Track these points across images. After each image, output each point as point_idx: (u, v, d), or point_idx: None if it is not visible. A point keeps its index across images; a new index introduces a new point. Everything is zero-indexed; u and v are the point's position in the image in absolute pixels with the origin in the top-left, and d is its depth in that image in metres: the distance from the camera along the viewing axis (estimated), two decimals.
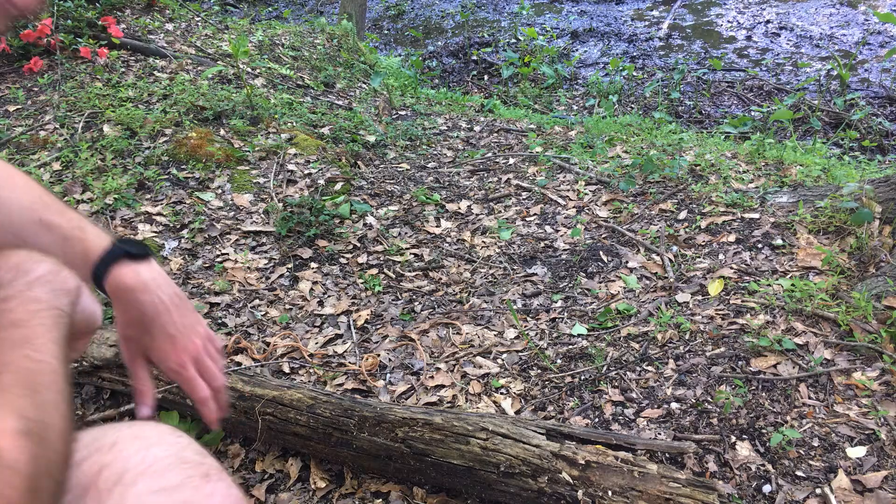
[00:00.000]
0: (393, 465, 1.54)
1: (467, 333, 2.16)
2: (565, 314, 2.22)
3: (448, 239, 2.76)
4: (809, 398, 1.73)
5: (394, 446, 1.53)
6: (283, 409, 1.64)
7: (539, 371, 1.96)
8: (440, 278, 2.49)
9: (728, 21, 7.88)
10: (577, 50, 7.52)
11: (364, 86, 4.87)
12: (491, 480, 1.44)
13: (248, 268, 2.49)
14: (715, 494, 1.30)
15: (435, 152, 3.74)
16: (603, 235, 2.65)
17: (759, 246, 2.37)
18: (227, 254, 2.55)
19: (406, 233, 2.81)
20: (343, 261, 2.59)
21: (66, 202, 0.91)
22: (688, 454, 1.57)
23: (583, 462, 1.40)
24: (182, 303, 0.91)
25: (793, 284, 2.09)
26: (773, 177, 2.90)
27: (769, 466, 1.55)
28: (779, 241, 2.36)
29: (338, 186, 3.09)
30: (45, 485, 0.54)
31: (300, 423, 1.62)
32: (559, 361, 1.99)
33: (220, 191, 2.91)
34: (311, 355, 2.09)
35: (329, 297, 2.39)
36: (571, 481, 1.38)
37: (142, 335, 0.88)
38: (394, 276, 2.50)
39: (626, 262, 2.44)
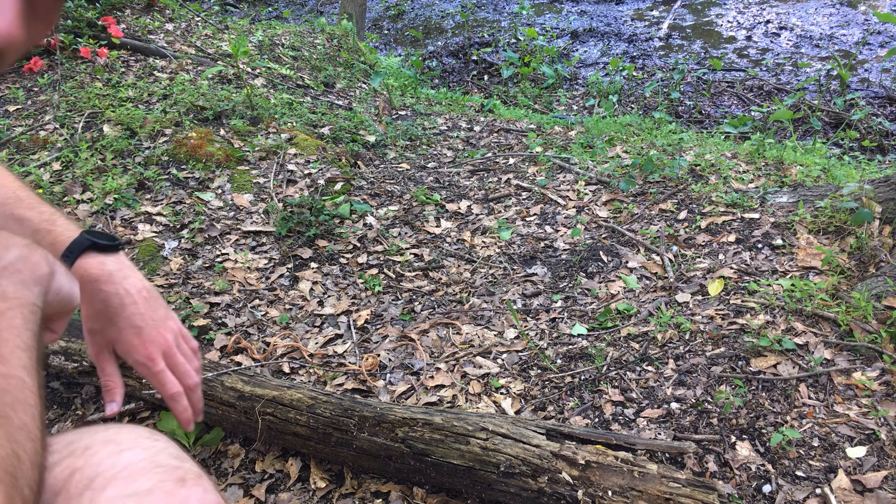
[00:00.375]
0: (393, 464, 1.54)
1: (467, 333, 2.16)
2: (565, 314, 2.22)
3: (448, 239, 2.76)
4: (809, 398, 1.73)
5: (394, 446, 1.53)
6: (283, 409, 1.64)
7: (539, 371, 1.96)
8: (440, 278, 2.49)
9: (728, 21, 7.88)
10: (577, 50, 7.52)
11: (364, 86, 4.87)
12: (491, 480, 1.44)
13: (248, 268, 2.49)
14: (715, 494, 1.30)
15: (435, 152, 3.74)
16: (603, 235, 2.65)
17: (759, 246, 2.37)
18: (227, 254, 2.55)
19: (406, 233, 2.81)
20: (343, 261, 2.59)
21: (40, 196, 0.91)
22: (688, 454, 1.57)
23: (583, 462, 1.40)
24: (151, 296, 0.89)
25: (793, 284, 2.09)
26: (773, 177, 2.90)
27: (769, 466, 1.55)
28: (779, 241, 2.36)
29: (338, 186, 3.09)
30: None
31: (300, 422, 1.62)
32: (559, 361, 1.99)
33: (220, 191, 2.91)
34: (311, 355, 2.09)
35: (329, 297, 2.39)
36: (571, 481, 1.38)
37: (106, 327, 0.87)
38: (394, 276, 2.50)
39: (626, 262, 2.44)
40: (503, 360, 2.03)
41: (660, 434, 1.68)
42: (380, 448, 1.54)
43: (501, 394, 1.89)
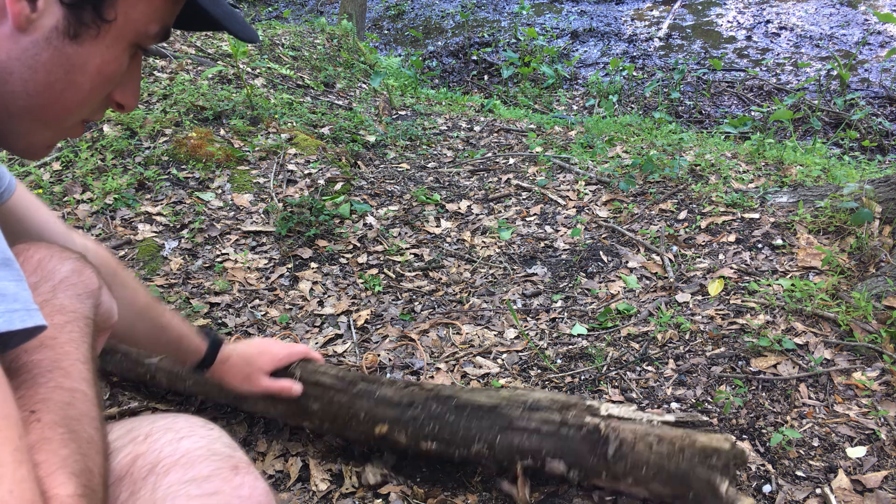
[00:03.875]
0: (411, 412, 1.52)
1: (467, 333, 2.16)
2: (565, 314, 2.22)
3: (448, 239, 2.76)
4: (809, 398, 1.73)
5: (417, 392, 1.53)
6: (311, 369, 1.62)
7: (539, 371, 1.96)
8: (440, 278, 2.49)
9: (728, 21, 7.88)
10: (577, 50, 7.52)
11: (364, 86, 4.87)
12: (513, 417, 1.44)
13: (248, 268, 2.49)
14: (730, 442, 1.33)
15: (435, 152, 3.74)
16: (603, 235, 2.65)
17: (759, 246, 2.37)
18: (227, 254, 2.55)
19: (406, 233, 2.81)
20: (343, 261, 2.59)
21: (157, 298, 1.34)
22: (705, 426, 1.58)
23: (605, 413, 1.42)
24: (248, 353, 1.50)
25: (793, 284, 2.09)
26: (773, 177, 2.90)
27: (769, 466, 1.55)
28: (779, 241, 2.36)
29: (338, 186, 3.09)
30: None
31: (329, 373, 1.61)
32: (559, 361, 1.99)
33: (220, 191, 2.91)
34: None
35: (329, 297, 2.39)
36: (596, 421, 1.41)
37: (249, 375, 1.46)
38: (394, 276, 2.51)
39: (626, 262, 2.44)
40: (503, 360, 2.03)
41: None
42: (402, 395, 1.54)
43: None
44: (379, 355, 2.08)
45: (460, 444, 1.49)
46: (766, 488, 1.49)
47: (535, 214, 2.90)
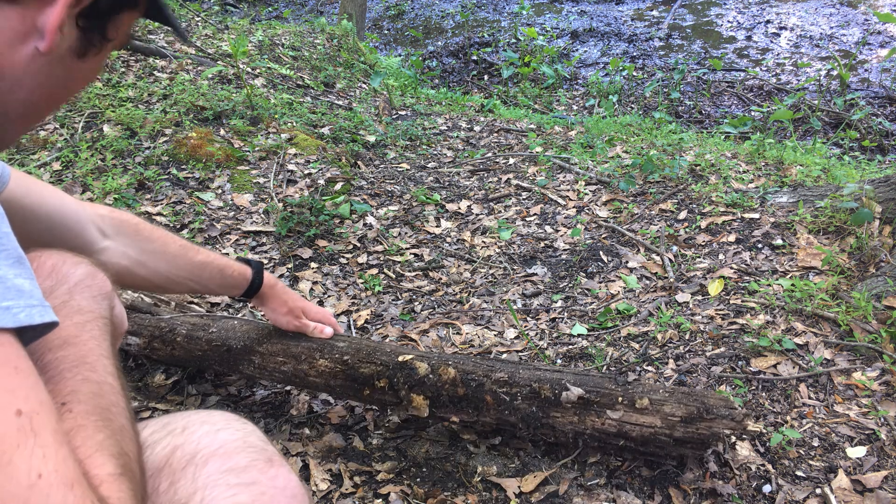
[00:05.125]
0: (434, 352, 1.63)
1: (467, 333, 2.16)
2: (565, 314, 2.22)
3: (448, 239, 2.76)
4: (809, 398, 1.73)
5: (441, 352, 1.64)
6: (330, 349, 1.64)
7: None
8: (440, 278, 2.49)
9: (728, 21, 7.88)
10: (577, 50, 7.52)
11: (364, 86, 4.87)
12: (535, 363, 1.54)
13: None
14: (737, 402, 1.39)
15: (435, 152, 3.74)
16: (603, 235, 2.65)
17: (759, 246, 2.37)
18: (228, 254, 2.55)
19: (406, 233, 2.81)
20: (343, 261, 2.59)
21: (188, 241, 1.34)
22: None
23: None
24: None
25: (793, 284, 2.09)
26: (773, 177, 2.90)
27: (769, 466, 1.55)
28: (779, 241, 2.36)
29: (338, 186, 3.09)
30: None
31: (343, 337, 1.66)
32: (559, 361, 1.99)
33: (220, 191, 2.91)
34: None
35: (329, 297, 2.39)
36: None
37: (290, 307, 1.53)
38: (394, 276, 2.50)
39: (626, 262, 2.44)
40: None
41: None
42: (426, 351, 1.63)
43: None
44: None
45: (482, 374, 1.54)
46: (766, 488, 1.49)
47: (535, 214, 2.90)
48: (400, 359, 1.58)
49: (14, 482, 0.44)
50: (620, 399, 1.46)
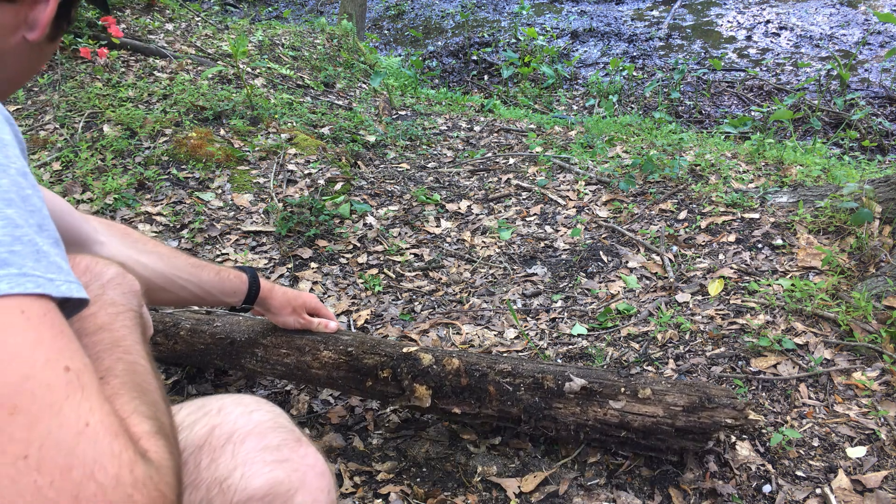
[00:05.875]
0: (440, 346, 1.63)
1: (467, 333, 2.16)
2: (565, 314, 2.22)
3: (448, 239, 2.76)
4: (809, 398, 1.73)
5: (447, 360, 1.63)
6: (335, 341, 1.65)
7: None
8: (440, 278, 2.49)
9: (728, 21, 7.88)
10: (577, 50, 7.52)
11: (364, 86, 4.87)
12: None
13: None
14: (741, 392, 1.39)
15: (435, 152, 3.74)
16: (603, 235, 2.65)
17: (759, 246, 2.37)
18: (228, 254, 2.55)
19: (406, 233, 2.81)
20: (343, 261, 2.59)
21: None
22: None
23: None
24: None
25: (793, 284, 2.09)
26: (773, 177, 2.90)
27: (769, 466, 1.55)
28: (779, 241, 2.36)
29: (338, 186, 3.08)
30: (181, 477, 0.58)
31: (346, 333, 1.69)
32: (559, 361, 1.99)
33: (220, 191, 2.91)
34: None
35: (329, 297, 2.39)
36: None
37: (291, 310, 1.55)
38: (394, 276, 2.50)
39: (626, 262, 2.44)
40: None
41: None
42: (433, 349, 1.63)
43: None
44: None
45: (486, 365, 1.55)
46: (766, 488, 1.49)
47: (535, 214, 2.89)
48: (404, 350, 1.59)
49: (64, 429, 0.46)
50: (623, 389, 1.47)
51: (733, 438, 1.62)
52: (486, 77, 6.78)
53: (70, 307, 0.57)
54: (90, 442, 0.47)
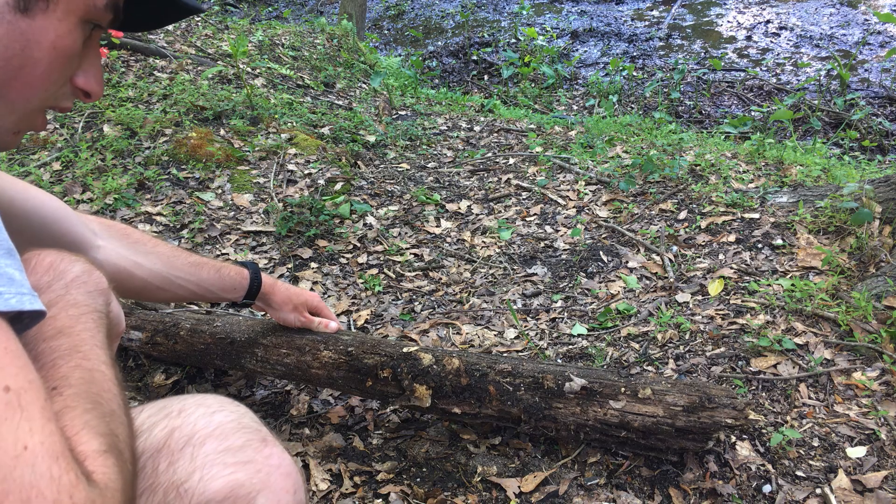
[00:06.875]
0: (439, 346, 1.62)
1: (467, 333, 2.16)
2: (565, 314, 2.22)
3: (448, 239, 2.76)
4: (809, 398, 1.73)
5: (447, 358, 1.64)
6: (335, 341, 1.66)
7: None
8: (440, 278, 2.49)
9: (728, 21, 7.88)
10: (577, 50, 7.52)
11: (364, 86, 4.87)
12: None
13: None
14: (742, 391, 1.40)
15: (435, 152, 3.74)
16: (603, 235, 2.65)
17: (759, 246, 2.37)
18: (228, 254, 2.55)
19: (406, 233, 2.81)
20: (343, 261, 2.59)
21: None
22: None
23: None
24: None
25: (793, 284, 2.09)
26: (773, 177, 2.90)
27: (769, 466, 1.55)
28: (779, 241, 2.36)
29: (338, 186, 3.09)
30: (131, 496, 0.57)
31: (346, 334, 1.70)
32: (559, 361, 1.99)
33: (220, 191, 2.91)
34: None
35: (329, 297, 2.39)
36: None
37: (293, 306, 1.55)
38: (394, 276, 2.50)
39: (626, 262, 2.44)
40: None
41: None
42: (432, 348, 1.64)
43: None
44: None
45: (486, 365, 1.56)
46: (766, 488, 1.49)
47: (535, 214, 2.89)
48: (405, 349, 1.59)
49: (0, 452, 0.45)
50: (623, 389, 1.47)
51: (733, 438, 1.62)
52: (486, 77, 6.78)
53: (28, 318, 0.56)
54: (27, 466, 0.46)
